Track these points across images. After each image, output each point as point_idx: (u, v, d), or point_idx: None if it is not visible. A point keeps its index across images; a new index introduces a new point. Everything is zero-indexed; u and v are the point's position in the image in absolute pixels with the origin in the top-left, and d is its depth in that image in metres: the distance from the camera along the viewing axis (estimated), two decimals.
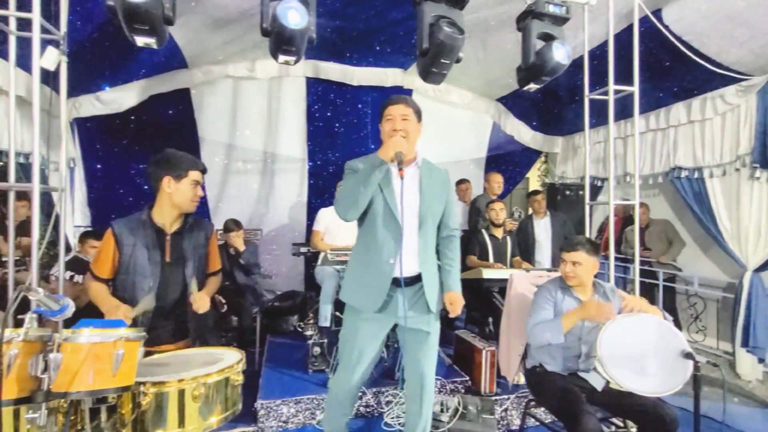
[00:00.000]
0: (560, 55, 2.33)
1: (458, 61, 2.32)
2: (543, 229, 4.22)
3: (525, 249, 4.04)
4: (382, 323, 1.82)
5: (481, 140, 5.39)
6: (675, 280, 4.22)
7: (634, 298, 2.06)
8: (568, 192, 5.03)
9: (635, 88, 2.57)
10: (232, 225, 3.63)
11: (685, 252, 4.27)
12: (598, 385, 2.03)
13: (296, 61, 2.17)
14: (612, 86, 2.53)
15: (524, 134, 5.38)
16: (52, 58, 1.83)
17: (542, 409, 2.35)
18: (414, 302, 1.80)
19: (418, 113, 1.80)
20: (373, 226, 1.74)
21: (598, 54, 2.99)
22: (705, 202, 3.70)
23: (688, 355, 1.73)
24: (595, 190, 5.12)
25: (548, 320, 2.05)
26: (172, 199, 1.78)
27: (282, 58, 2.13)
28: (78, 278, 2.68)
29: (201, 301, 1.77)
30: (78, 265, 2.74)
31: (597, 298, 2.14)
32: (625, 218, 4.87)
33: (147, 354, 1.53)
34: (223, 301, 3.31)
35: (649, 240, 4.29)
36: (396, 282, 1.72)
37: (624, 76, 2.64)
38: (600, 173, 4.97)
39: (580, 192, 5.09)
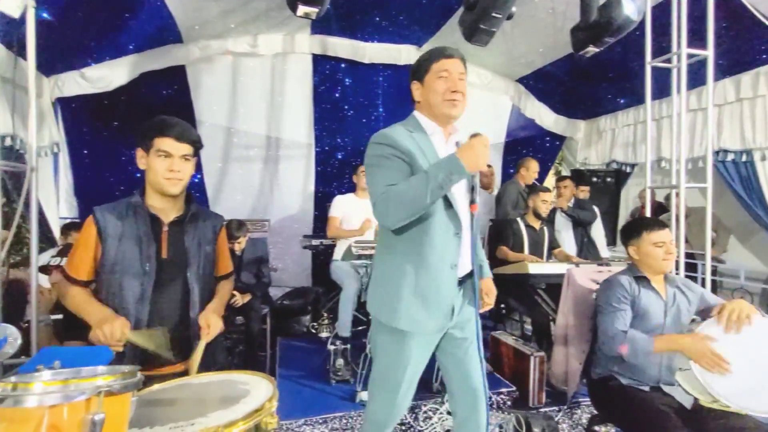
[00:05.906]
0: (630, 9, 1.97)
1: (510, 17, 1.95)
2: (566, 217, 3.91)
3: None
4: (433, 338, 1.46)
5: (499, 124, 4.99)
6: (716, 272, 3.91)
7: (738, 302, 1.68)
8: (594, 179, 4.69)
9: (709, 52, 2.20)
10: (235, 230, 3.02)
11: None
12: (687, 402, 1.71)
13: (318, 14, 1.79)
14: (685, 49, 2.15)
15: (546, 118, 5.01)
16: (15, 1, 1.43)
17: (606, 426, 2.03)
18: (463, 305, 1.47)
19: None
20: (429, 225, 1.35)
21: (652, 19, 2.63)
22: (755, 188, 3.41)
23: None
24: (623, 177, 4.80)
25: (638, 336, 1.70)
26: (148, 177, 1.39)
27: (302, 9, 1.74)
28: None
29: (212, 326, 1.38)
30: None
31: (674, 292, 1.82)
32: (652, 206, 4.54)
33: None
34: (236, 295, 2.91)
35: (689, 232, 3.96)
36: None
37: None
38: (629, 158, 4.64)
39: (608, 179, 4.77)
